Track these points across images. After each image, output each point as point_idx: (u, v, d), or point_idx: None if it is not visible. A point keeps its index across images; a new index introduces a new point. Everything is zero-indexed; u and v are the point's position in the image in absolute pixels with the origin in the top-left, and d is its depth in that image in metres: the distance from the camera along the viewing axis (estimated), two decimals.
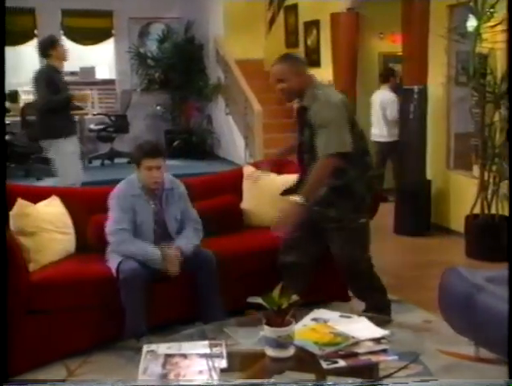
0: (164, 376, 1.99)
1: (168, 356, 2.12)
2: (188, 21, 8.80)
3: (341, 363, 2.01)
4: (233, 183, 3.82)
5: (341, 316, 2.40)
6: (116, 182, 3.24)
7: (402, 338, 2.36)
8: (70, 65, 9.04)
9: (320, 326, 2.26)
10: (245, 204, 3.73)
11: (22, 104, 8.03)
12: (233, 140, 7.99)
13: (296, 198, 2.78)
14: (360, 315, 2.43)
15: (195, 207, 3.31)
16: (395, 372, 2.01)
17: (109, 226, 3.06)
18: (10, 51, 8.87)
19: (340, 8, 6.58)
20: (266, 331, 2.10)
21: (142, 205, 3.10)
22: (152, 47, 8.99)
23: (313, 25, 7.35)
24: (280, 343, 2.07)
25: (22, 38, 8.60)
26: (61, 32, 8.69)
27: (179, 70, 8.34)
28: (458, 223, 4.98)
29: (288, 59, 2.95)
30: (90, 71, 9.41)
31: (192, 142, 8.40)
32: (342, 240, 3.00)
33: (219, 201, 3.58)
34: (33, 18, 8.49)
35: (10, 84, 8.77)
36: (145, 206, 3.11)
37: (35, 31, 8.54)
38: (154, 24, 9.16)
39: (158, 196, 3.16)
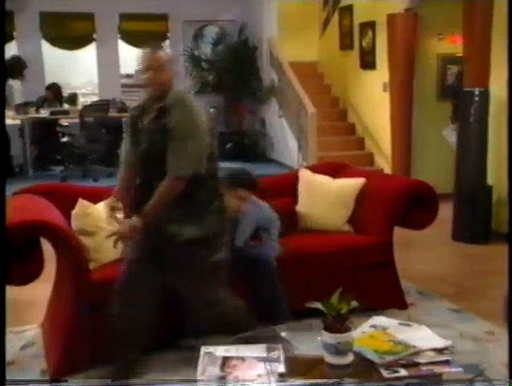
0: (223, 378, 2.00)
1: (226, 359, 2.13)
2: (242, 23, 8.86)
3: (402, 372, 1.97)
4: (288, 186, 3.81)
5: (400, 324, 2.36)
6: None
7: (463, 349, 2.30)
8: (126, 68, 9.29)
9: (379, 334, 2.23)
10: (301, 207, 3.72)
11: (80, 106, 8.26)
12: (286, 142, 7.99)
13: (134, 219, 2.44)
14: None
15: None
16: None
17: None
18: (68, 55, 9.17)
19: (398, 8, 6.48)
20: (325, 337, 2.08)
21: None
22: (206, 49, 9.10)
23: (369, 26, 7.26)
24: (339, 350, 2.05)
25: (81, 42, 8.86)
26: (118, 36, 8.92)
27: (232, 72, 8.40)
28: None
29: (163, 48, 2.60)
30: None
31: (245, 145, 8.45)
32: (185, 278, 2.55)
33: (275, 204, 3.58)
34: (92, 23, 8.73)
35: (70, 86, 9.07)
36: None
37: (94, 35, 8.78)
38: (208, 27, 9.27)
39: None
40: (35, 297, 3.55)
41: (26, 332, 3.23)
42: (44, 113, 7.80)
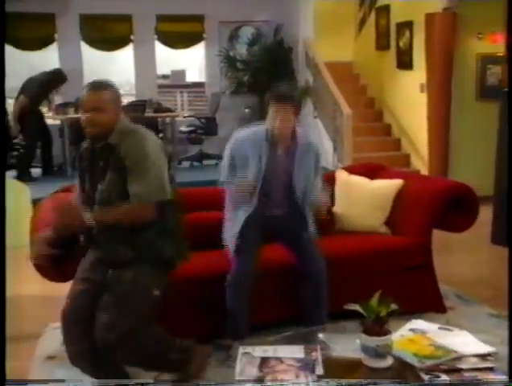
0: (261, 379, 2.00)
1: (264, 359, 2.13)
2: (278, 24, 8.85)
3: (443, 377, 1.95)
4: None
5: (440, 328, 2.33)
6: (205, 183, 3.31)
7: (505, 356, 2.25)
8: (162, 68, 9.39)
9: (419, 338, 2.20)
10: (338, 208, 3.71)
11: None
12: (321, 143, 7.93)
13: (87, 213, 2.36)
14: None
15: None
16: None
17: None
18: (106, 56, 9.32)
19: (436, 8, 6.39)
20: (364, 340, 2.07)
21: (263, 152, 2.99)
22: (241, 50, 9.12)
23: (406, 26, 7.17)
24: (378, 353, 2.04)
25: (119, 43, 8.98)
26: (155, 37, 9.02)
27: (267, 73, 8.39)
28: None
29: (108, 87, 2.45)
30: (181, 74, 9.70)
31: None
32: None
33: None
34: (130, 24, 8.85)
35: None
36: (268, 153, 3.00)
37: (131, 37, 8.90)
38: (243, 27, 9.29)
39: (290, 149, 3.05)
40: None
41: None
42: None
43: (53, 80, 7.71)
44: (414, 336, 2.21)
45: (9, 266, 4.15)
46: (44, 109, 8.39)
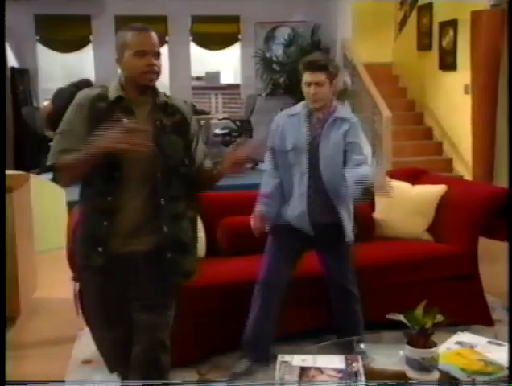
0: None
1: (304, 369, 2.11)
2: (315, 24, 8.83)
3: None
4: None
5: (490, 342, 2.27)
6: (239, 187, 3.30)
7: None
8: (196, 70, 9.46)
9: (467, 352, 2.15)
10: (378, 214, 3.67)
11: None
12: None
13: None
14: None
15: None
16: None
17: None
18: None
19: (483, 5, 6.26)
20: (408, 351, 2.03)
21: (296, 125, 2.86)
22: (278, 51, 9.12)
23: (450, 25, 7.07)
24: (423, 366, 1.99)
25: None
26: (190, 38, 9.10)
27: None
28: None
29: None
30: (215, 76, 9.75)
31: None
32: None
33: None
34: (165, 25, 8.95)
35: None
36: (299, 126, 2.85)
37: (166, 38, 8.99)
38: (280, 28, 9.29)
39: (323, 120, 2.86)
40: None
41: None
42: None
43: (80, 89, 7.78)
44: (462, 350, 2.16)
45: (43, 268, 4.25)
46: None
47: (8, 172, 5.35)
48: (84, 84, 7.82)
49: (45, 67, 9.02)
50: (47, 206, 4.82)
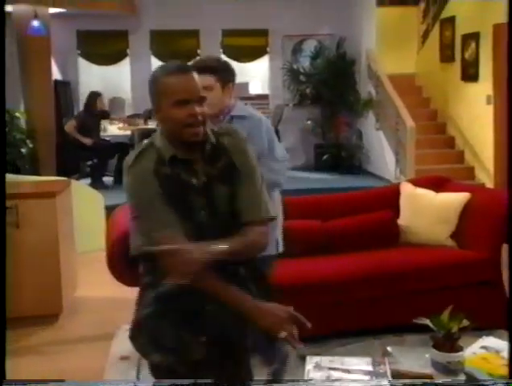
0: None
1: (331, 369, 2.10)
2: (340, 37, 8.81)
3: None
4: (389, 199, 3.73)
5: None
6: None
7: None
8: None
9: (492, 356, 2.11)
10: (402, 221, 3.63)
11: None
12: (383, 155, 7.83)
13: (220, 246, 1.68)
14: None
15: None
16: None
17: None
18: None
19: (505, 18, 6.17)
20: (434, 355, 2.01)
21: None
22: (305, 63, 9.13)
23: (472, 37, 6.98)
24: (450, 370, 1.97)
25: (187, 57, 9.15)
26: (221, 51, 9.16)
27: (330, 85, 8.37)
28: None
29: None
30: (244, 86, 9.79)
31: (341, 156, 8.38)
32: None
33: (376, 216, 3.52)
34: (197, 39, 9.03)
35: None
36: None
37: (198, 51, 9.07)
38: (307, 41, 9.30)
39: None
40: None
41: None
42: (152, 125, 8.15)
43: (88, 104, 7.87)
44: (488, 354, 2.12)
45: (82, 269, 4.31)
46: (116, 122, 8.69)
47: (51, 178, 5.46)
48: (93, 94, 7.93)
49: (85, 79, 9.17)
50: (86, 210, 4.89)
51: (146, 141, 1.79)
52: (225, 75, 2.41)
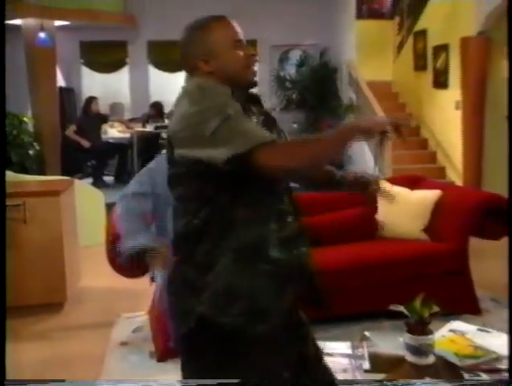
0: None
1: None
2: (324, 47, 8.82)
3: (484, 376, 1.88)
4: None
5: (479, 330, 2.26)
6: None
7: None
8: None
9: (459, 338, 2.14)
10: (381, 216, 3.64)
11: None
12: (363, 156, 7.85)
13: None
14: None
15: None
16: None
17: None
18: (171, 77, 9.50)
19: (471, 32, 6.22)
20: (408, 338, 2.03)
21: None
22: (291, 70, 9.13)
23: (442, 49, 7.00)
24: (421, 351, 1.99)
25: (180, 66, 9.09)
26: None
27: (314, 91, 8.37)
28: None
29: None
30: None
31: None
32: None
33: (356, 212, 3.53)
34: None
35: (171, 104, 9.37)
36: None
37: None
38: (292, 50, 9.30)
39: None
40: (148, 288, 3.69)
41: (138, 318, 3.35)
42: (149, 128, 8.11)
43: (84, 108, 7.86)
44: (455, 337, 2.15)
45: (84, 262, 4.29)
46: (115, 124, 8.65)
47: (55, 178, 5.43)
48: (88, 99, 7.90)
49: (88, 86, 9.13)
50: (88, 207, 4.86)
51: None
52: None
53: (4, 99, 4.61)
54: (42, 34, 7.38)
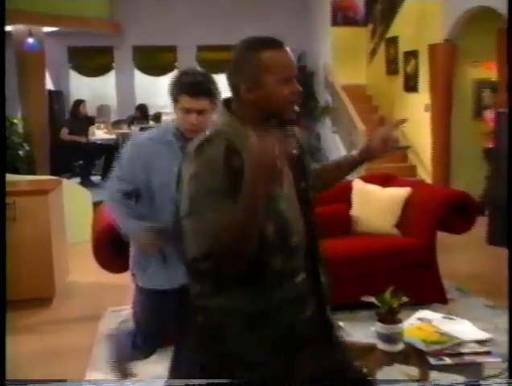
0: None
1: None
2: (301, 52, 8.82)
3: (447, 360, 1.93)
4: (343, 194, 3.77)
5: (444, 317, 2.31)
6: None
7: (499, 340, 2.21)
8: None
9: (426, 326, 2.18)
10: (354, 212, 3.69)
11: (163, 123, 8.48)
12: (339, 155, 7.92)
13: None
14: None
15: None
16: (501, 374, 1.89)
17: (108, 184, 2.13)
18: (155, 81, 9.45)
19: (438, 39, 6.31)
20: (378, 327, 2.06)
21: (166, 157, 1.93)
22: None
23: (412, 54, 7.09)
24: (391, 339, 2.03)
25: (165, 70, 9.07)
26: (196, 63, 9.10)
27: None
28: None
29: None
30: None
31: None
32: None
33: (332, 208, 3.57)
34: (174, 54, 8.96)
35: (156, 106, 9.30)
36: (171, 159, 1.86)
37: (176, 64, 9.00)
38: None
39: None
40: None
41: (124, 311, 3.33)
42: (135, 129, 8.06)
43: (73, 110, 7.80)
44: (422, 325, 2.19)
45: (72, 258, 4.26)
46: (102, 126, 8.58)
47: (44, 177, 5.37)
48: (77, 102, 7.84)
49: (75, 89, 9.05)
50: (76, 205, 4.82)
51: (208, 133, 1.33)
52: (217, 95, 2.00)
53: (4, 102, 4.56)
54: (30, 40, 7.32)
